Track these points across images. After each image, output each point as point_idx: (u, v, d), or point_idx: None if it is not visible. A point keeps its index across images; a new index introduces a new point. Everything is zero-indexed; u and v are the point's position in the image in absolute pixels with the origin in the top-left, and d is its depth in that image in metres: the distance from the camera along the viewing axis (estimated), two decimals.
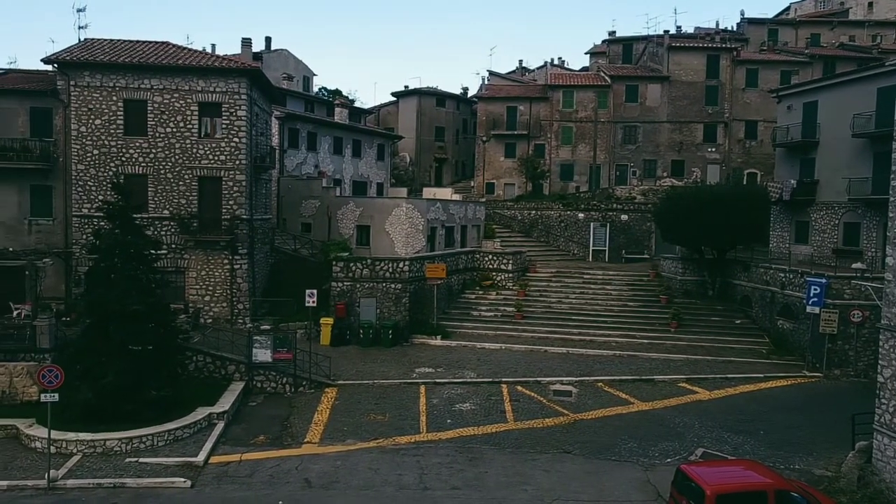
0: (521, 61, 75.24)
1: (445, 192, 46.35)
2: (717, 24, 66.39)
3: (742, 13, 64.53)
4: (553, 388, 25.69)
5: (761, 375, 27.76)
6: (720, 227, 33.65)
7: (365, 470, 18.72)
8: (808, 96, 36.13)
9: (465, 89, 71.08)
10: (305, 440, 20.82)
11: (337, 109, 50.51)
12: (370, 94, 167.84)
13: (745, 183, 49.20)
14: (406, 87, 65.59)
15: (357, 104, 65.40)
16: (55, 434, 18.69)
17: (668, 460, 19.47)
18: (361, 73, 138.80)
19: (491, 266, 38.39)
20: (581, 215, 47.33)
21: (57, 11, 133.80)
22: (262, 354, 25.08)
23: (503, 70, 69.76)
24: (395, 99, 66.15)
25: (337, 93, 70.98)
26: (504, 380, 26.45)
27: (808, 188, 35.30)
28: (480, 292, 37.22)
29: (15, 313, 28.18)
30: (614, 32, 64.18)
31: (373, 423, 22.18)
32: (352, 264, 32.44)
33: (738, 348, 31.10)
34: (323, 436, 21.15)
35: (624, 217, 46.72)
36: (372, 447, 20.34)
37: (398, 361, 28.61)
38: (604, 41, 65.45)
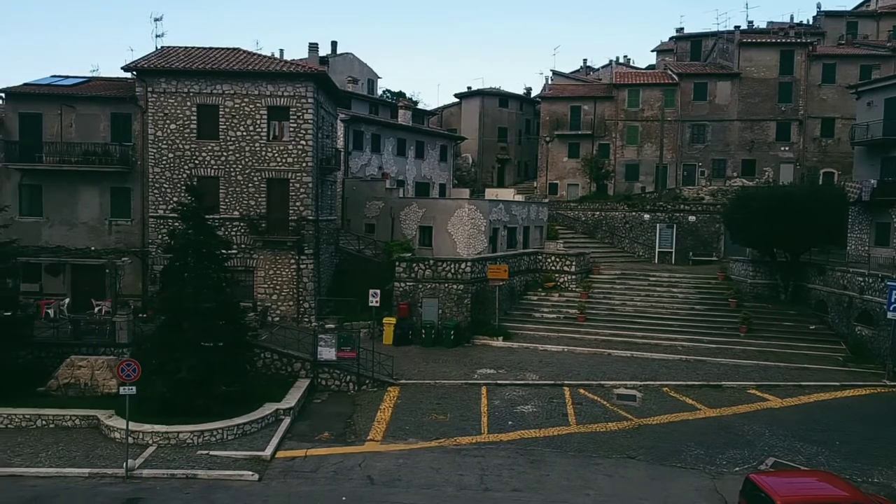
0: (585, 60, 74.05)
1: (508, 193, 46.25)
2: (792, 18, 63.96)
3: (818, 6, 61.63)
4: (617, 392, 25.30)
5: (837, 384, 26.60)
6: (794, 228, 32.44)
7: (426, 469, 18.87)
8: (890, 91, 34.42)
9: (529, 89, 70.78)
10: (368, 438, 21.13)
11: (400, 111, 51.05)
12: (433, 95, 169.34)
13: (820, 183, 47.26)
14: (469, 88, 65.73)
15: (420, 106, 65.92)
16: (132, 425, 19.49)
17: (737, 469, 18.90)
18: (425, 75, 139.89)
19: (553, 267, 38.07)
20: (647, 216, 46.41)
21: (136, 20, 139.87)
22: (327, 353, 25.59)
23: (567, 69, 69.03)
24: (457, 100, 66.35)
25: (400, 95, 71.73)
26: (566, 382, 26.20)
27: (890, 188, 33.62)
28: (543, 294, 36.96)
29: (96, 309, 29.61)
30: (682, 29, 62.72)
31: (434, 422, 22.33)
32: (414, 265, 32.74)
33: (813, 355, 29.91)
34: (385, 434, 21.41)
35: (691, 218, 45.57)
36: (433, 447, 20.48)
37: (460, 362, 28.71)
38: (671, 38, 64.03)
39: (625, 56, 71.22)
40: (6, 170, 30.99)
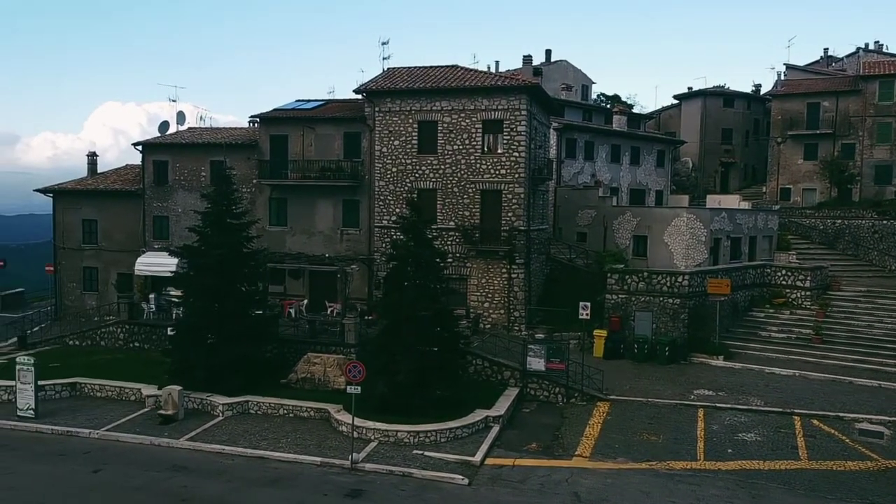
0: (825, 50, 66.73)
1: (732, 200, 43.24)
2: None
3: None
4: (859, 427, 22.43)
5: None
6: None
7: (635, 492, 18.23)
8: None
9: (758, 87, 65.64)
10: (576, 453, 20.92)
11: (615, 117, 49.94)
12: (650, 97, 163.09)
13: None
14: (689, 88, 62.52)
15: (636, 109, 63.98)
16: (357, 421, 21.22)
17: None
18: (642, 77, 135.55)
19: (784, 282, 34.79)
20: None
21: (366, 43, 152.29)
22: (536, 363, 25.77)
23: (803, 62, 62.81)
24: (676, 102, 63.43)
25: (615, 99, 70.19)
26: (797, 411, 23.80)
27: None
28: (771, 311, 33.91)
29: (329, 310, 32.71)
30: None
31: (645, 443, 21.52)
32: (627, 277, 31.79)
33: None
34: (593, 450, 21.07)
35: None
36: (644, 468, 19.75)
37: (674, 380, 27.34)
38: None
39: (876, 42, 63.01)
40: (260, 185, 35.36)
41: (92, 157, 42.53)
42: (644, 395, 25.50)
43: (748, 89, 64.42)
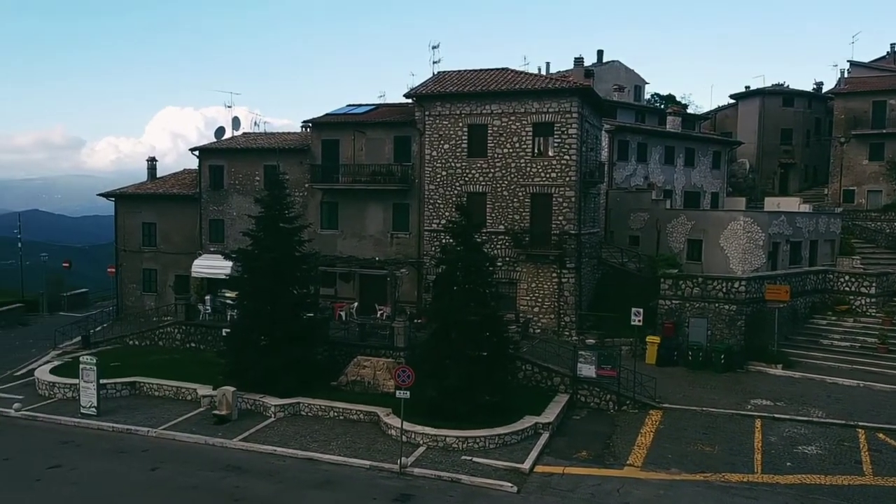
0: (892, 45, 63.84)
1: (791, 202, 41.89)
2: None
3: None
4: None
5: None
6: None
7: None
8: None
9: (819, 85, 63.35)
10: (627, 462, 20.56)
11: (669, 118, 48.93)
12: (705, 97, 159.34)
13: None
14: (747, 87, 60.85)
15: (691, 109, 62.68)
16: (406, 425, 21.25)
17: None
18: (697, 77, 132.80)
19: (847, 288, 33.49)
20: None
21: (417, 47, 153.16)
22: (587, 369, 25.42)
23: (868, 58, 60.34)
24: (733, 101, 61.79)
25: (670, 99, 68.89)
26: (861, 423, 22.85)
27: None
28: (833, 318, 32.69)
29: (378, 313, 32.92)
30: None
31: (699, 453, 20.99)
32: (681, 282, 31.08)
33: None
34: (645, 460, 20.65)
35: None
36: (698, 480, 19.26)
37: (730, 389, 26.61)
38: None
39: None
40: (312, 189, 35.85)
41: (151, 162, 43.93)
42: (698, 404, 24.89)
43: (809, 87, 62.35)
